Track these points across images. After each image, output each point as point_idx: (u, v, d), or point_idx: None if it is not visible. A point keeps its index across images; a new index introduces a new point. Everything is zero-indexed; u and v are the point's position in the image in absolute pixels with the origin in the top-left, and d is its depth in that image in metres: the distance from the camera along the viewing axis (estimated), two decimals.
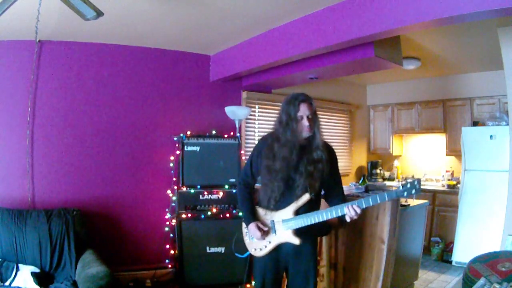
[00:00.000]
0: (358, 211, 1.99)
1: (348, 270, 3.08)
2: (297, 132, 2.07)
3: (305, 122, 2.06)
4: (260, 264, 2.22)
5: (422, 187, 5.25)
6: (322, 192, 2.28)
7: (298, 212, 2.10)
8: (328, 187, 2.22)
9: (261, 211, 2.22)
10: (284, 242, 2.13)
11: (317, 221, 2.07)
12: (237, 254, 2.40)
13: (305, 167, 2.07)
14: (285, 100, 2.14)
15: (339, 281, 3.12)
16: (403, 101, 5.79)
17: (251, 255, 2.31)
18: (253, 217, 2.20)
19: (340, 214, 2.04)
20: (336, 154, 2.30)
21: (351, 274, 3.05)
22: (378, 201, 1.98)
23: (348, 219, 2.03)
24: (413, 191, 1.94)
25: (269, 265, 2.19)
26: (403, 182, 2.09)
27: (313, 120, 2.09)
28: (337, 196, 2.23)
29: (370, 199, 1.98)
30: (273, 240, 2.16)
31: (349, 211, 1.99)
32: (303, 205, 2.09)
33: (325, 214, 2.06)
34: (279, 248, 2.16)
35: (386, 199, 1.97)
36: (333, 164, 2.21)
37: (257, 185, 2.29)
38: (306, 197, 2.08)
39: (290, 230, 2.10)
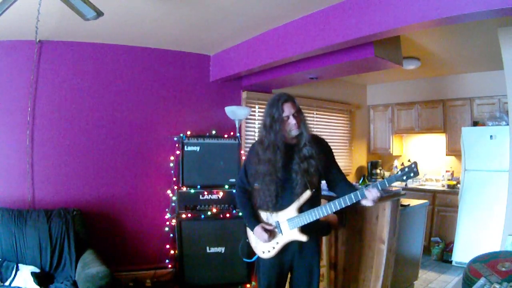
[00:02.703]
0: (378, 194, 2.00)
1: (348, 270, 3.08)
2: (283, 132, 2.08)
3: (292, 121, 2.07)
4: (266, 266, 2.21)
5: (422, 187, 5.32)
6: (325, 186, 2.29)
7: (301, 210, 2.10)
8: (330, 178, 2.22)
9: (263, 214, 2.22)
10: (291, 240, 2.13)
11: (321, 215, 2.08)
12: (245, 260, 2.38)
13: (299, 165, 2.07)
14: (268, 103, 2.16)
15: (339, 281, 3.12)
16: (403, 101, 5.79)
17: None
18: (256, 220, 2.20)
19: (349, 203, 2.03)
20: (336, 154, 2.31)
21: (351, 274, 3.05)
22: (379, 188, 1.98)
23: (370, 203, 2.02)
24: (412, 174, 1.95)
25: (275, 266, 2.19)
26: (401, 166, 2.10)
27: (299, 117, 2.11)
28: (342, 183, 2.22)
29: (371, 187, 2.00)
30: (281, 240, 2.15)
31: (371, 193, 1.99)
32: (305, 202, 2.09)
33: (329, 207, 2.05)
34: (284, 249, 2.16)
35: (387, 184, 1.98)
36: (327, 154, 2.20)
37: (256, 185, 2.29)
38: (307, 194, 2.07)
39: (296, 228, 2.11)
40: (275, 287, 2.19)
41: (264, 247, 2.20)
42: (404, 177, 1.96)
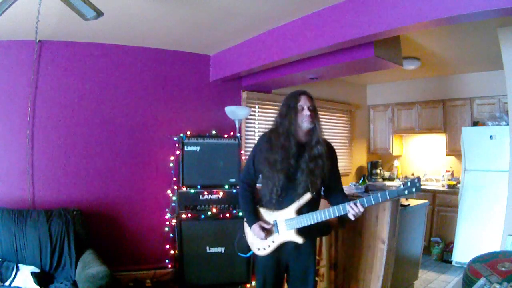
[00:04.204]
0: (361, 209, 2.00)
1: (348, 270, 3.08)
2: (296, 122, 2.08)
3: (306, 112, 2.08)
4: (261, 264, 2.23)
5: (422, 187, 5.30)
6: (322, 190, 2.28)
7: (300, 212, 2.10)
8: (328, 184, 2.22)
9: (263, 212, 2.21)
10: (287, 241, 2.14)
11: (319, 220, 2.07)
12: (240, 254, 2.39)
13: (307, 164, 2.07)
14: (286, 96, 2.21)
15: (339, 281, 3.12)
16: (403, 101, 5.80)
17: (253, 255, 2.31)
18: (256, 217, 2.20)
19: (342, 213, 2.04)
20: (336, 154, 2.31)
21: (351, 274, 3.05)
22: (380, 200, 1.98)
23: (352, 217, 2.03)
24: (414, 189, 1.95)
25: (270, 264, 2.20)
26: (404, 181, 2.09)
27: (314, 112, 2.12)
28: (337, 193, 2.23)
29: (372, 198, 1.99)
30: (277, 240, 2.16)
31: (353, 209, 2.00)
32: (304, 204, 2.09)
33: (327, 212, 2.06)
34: (280, 248, 2.17)
35: (388, 197, 1.97)
36: (333, 161, 2.21)
37: (258, 185, 2.29)
38: (307, 196, 2.07)
39: (293, 230, 2.11)
40: (271, 286, 2.20)
41: (260, 244, 2.20)
42: (406, 192, 1.96)
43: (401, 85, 5.89)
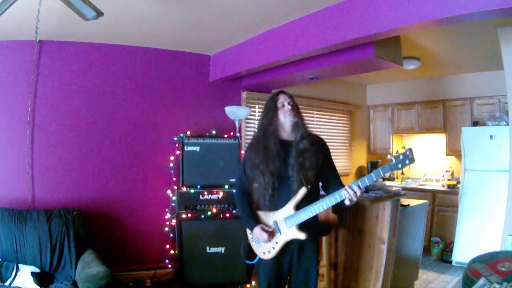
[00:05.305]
0: (357, 190, 1.95)
1: (348, 270, 3.08)
2: (278, 119, 2.10)
3: (287, 106, 2.11)
4: (265, 267, 2.21)
5: (422, 187, 5.31)
6: (320, 185, 2.27)
7: (298, 207, 2.08)
8: (324, 178, 2.21)
9: (261, 214, 2.21)
10: (290, 239, 2.12)
11: (319, 211, 2.05)
12: (247, 262, 2.38)
13: (295, 159, 2.06)
14: (266, 101, 2.25)
15: (339, 281, 3.12)
16: (403, 101, 5.80)
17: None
18: (255, 221, 2.19)
19: (339, 200, 2.00)
20: (337, 154, 2.31)
21: (351, 274, 3.05)
22: (374, 179, 1.94)
23: (348, 202, 1.98)
24: (407, 162, 1.90)
25: (274, 268, 2.18)
26: (396, 154, 2.03)
27: (295, 107, 2.14)
28: (336, 187, 2.18)
29: (366, 178, 1.95)
30: (280, 240, 2.14)
31: (348, 193, 1.96)
32: (302, 199, 2.08)
33: (324, 203, 2.03)
34: (284, 249, 2.16)
35: (382, 174, 1.93)
36: (325, 153, 2.19)
37: (256, 185, 2.28)
38: (303, 191, 2.05)
39: (294, 226, 2.10)
40: (275, 286, 2.19)
41: (264, 248, 2.19)
42: (399, 165, 1.91)
43: (401, 85, 5.89)
